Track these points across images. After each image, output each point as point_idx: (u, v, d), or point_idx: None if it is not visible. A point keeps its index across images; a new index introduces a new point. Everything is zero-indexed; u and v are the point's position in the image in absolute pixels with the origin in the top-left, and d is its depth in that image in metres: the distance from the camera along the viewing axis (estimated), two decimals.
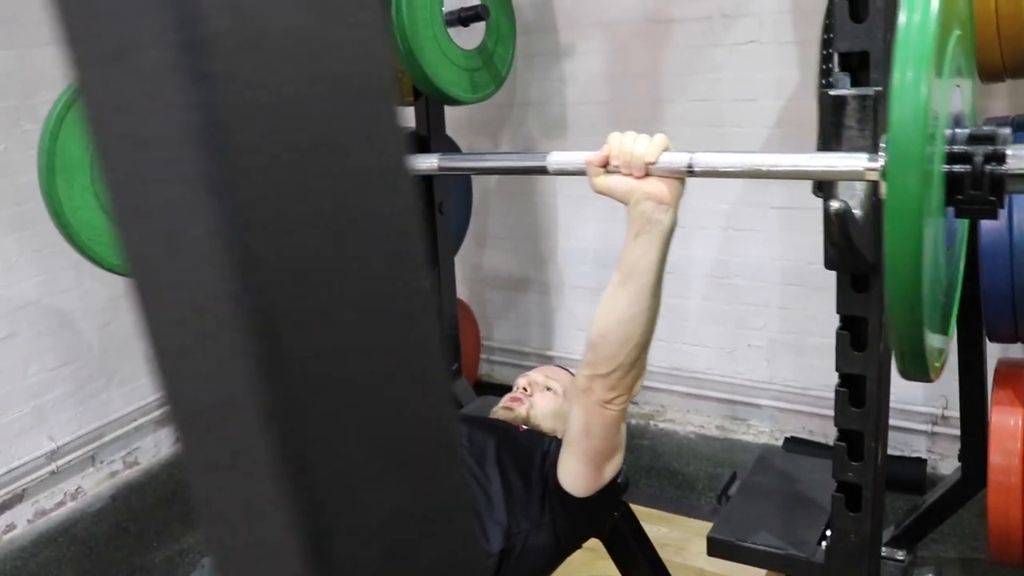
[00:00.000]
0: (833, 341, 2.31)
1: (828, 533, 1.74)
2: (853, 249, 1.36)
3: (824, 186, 1.37)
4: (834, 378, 2.72)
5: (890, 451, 2.41)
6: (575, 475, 1.37)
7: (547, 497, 1.42)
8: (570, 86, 2.87)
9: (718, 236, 2.76)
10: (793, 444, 2.62)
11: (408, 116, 2.39)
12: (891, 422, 1.94)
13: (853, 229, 1.31)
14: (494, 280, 3.17)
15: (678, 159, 1.20)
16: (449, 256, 2.69)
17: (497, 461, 1.47)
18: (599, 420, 1.30)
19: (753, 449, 2.85)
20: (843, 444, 1.56)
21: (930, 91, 0.85)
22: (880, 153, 1.07)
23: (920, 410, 2.61)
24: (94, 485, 2.97)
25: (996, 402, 1.86)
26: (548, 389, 1.75)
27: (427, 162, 1.56)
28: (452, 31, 2.35)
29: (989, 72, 1.64)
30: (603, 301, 1.24)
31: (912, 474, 2.52)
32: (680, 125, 2.68)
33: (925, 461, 2.61)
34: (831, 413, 2.91)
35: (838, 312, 1.51)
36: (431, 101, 2.47)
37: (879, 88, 1.31)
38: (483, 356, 3.38)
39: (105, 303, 2.95)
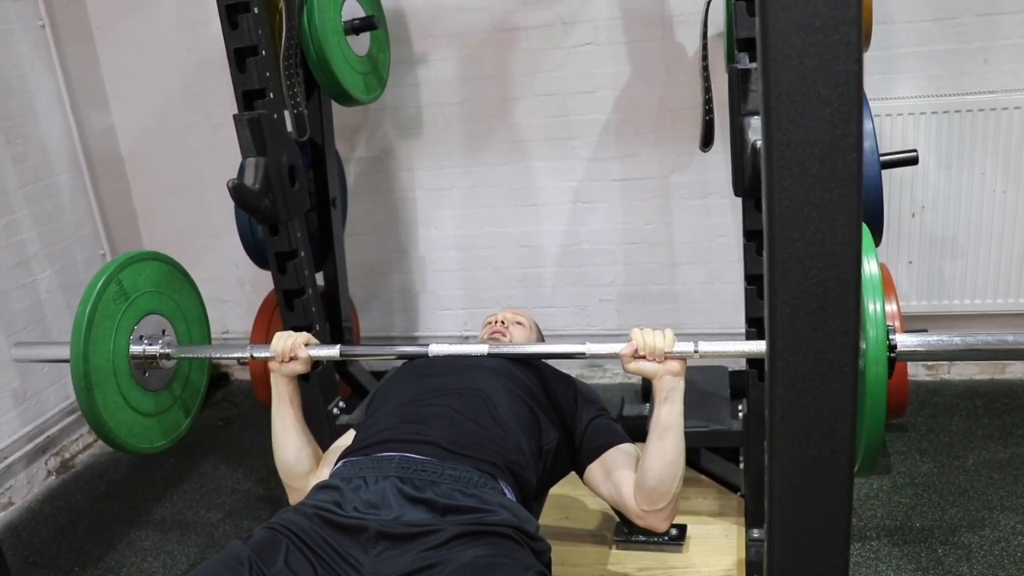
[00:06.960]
0: (669, 287, 3.05)
1: (741, 407, 2.26)
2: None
3: (737, 129, 1.86)
4: (674, 319, 3.43)
5: None
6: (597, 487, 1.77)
7: (573, 440, 1.79)
8: (424, 90, 3.18)
9: (567, 210, 3.22)
10: None
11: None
12: None
13: None
14: (358, 272, 3.39)
15: (686, 346, 1.63)
16: (341, 247, 2.90)
17: (541, 381, 1.81)
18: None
19: (613, 389, 3.35)
20: (753, 329, 2.06)
21: None
22: None
23: None
24: None
25: None
26: (519, 323, 2.10)
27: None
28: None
29: None
30: (647, 459, 1.62)
31: None
32: (529, 117, 3.10)
33: None
34: None
35: (745, 228, 1.99)
36: (323, 104, 2.70)
37: None
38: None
39: None
